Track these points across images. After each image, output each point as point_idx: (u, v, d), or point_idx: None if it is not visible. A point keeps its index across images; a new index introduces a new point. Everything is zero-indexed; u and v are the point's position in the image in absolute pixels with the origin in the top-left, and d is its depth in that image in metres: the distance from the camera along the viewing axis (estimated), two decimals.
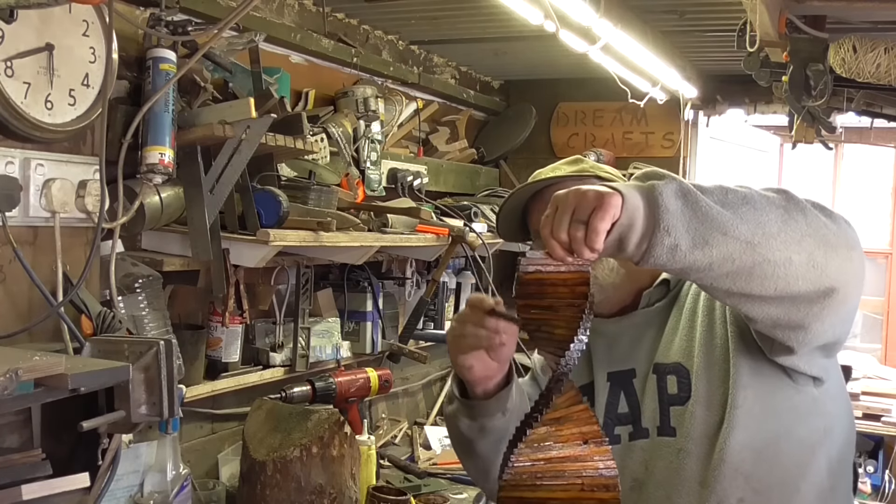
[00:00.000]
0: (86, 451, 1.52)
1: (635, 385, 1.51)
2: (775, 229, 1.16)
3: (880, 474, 4.59)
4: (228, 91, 2.23)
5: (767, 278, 1.17)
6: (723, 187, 1.20)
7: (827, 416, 1.41)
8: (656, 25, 2.93)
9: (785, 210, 1.19)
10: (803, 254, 1.17)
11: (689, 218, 1.13)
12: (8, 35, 1.50)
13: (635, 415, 1.50)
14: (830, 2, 2.19)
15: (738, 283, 1.18)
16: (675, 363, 1.46)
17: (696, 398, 1.42)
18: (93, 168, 1.70)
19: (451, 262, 3.27)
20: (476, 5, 2.65)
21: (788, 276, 1.17)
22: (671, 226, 1.12)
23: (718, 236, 1.14)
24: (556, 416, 1.13)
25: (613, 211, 1.11)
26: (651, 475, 1.44)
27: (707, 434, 1.40)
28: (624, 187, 1.15)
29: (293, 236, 2.14)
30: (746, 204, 1.17)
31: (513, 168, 4.06)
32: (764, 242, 1.15)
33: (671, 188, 1.15)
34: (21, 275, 1.57)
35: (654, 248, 1.13)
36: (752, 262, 1.15)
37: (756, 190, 1.22)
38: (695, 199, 1.15)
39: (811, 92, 2.33)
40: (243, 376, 2.35)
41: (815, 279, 1.19)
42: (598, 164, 1.65)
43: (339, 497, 2.13)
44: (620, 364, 1.53)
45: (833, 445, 1.42)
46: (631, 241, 1.13)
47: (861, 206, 7.76)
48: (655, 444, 1.46)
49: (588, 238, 1.11)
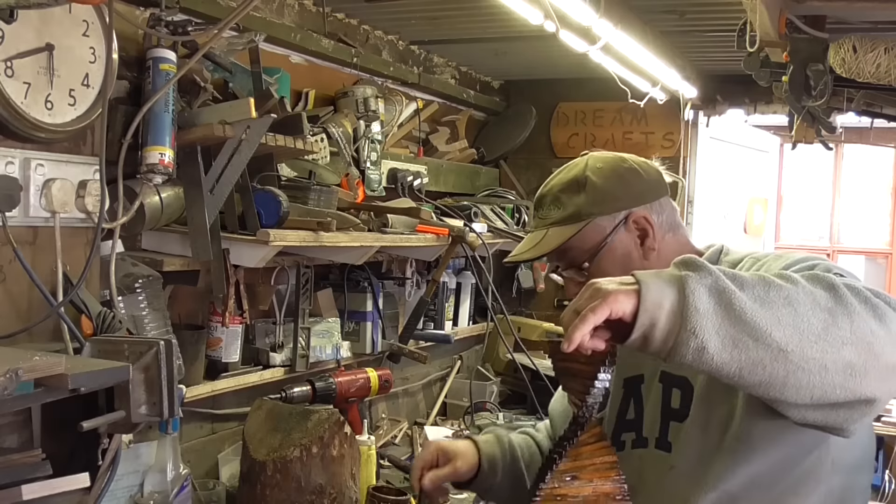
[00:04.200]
0: (86, 451, 1.52)
1: (642, 391, 1.51)
2: (814, 336, 1.09)
3: (880, 474, 4.58)
4: (228, 91, 2.23)
5: (802, 388, 1.10)
6: (766, 280, 1.13)
7: (839, 448, 1.34)
8: (656, 25, 2.93)
9: (830, 313, 1.11)
10: (841, 362, 1.09)
11: (720, 319, 1.08)
12: (8, 35, 1.50)
13: (639, 422, 1.50)
14: (830, 2, 2.19)
15: (772, 392, 1.12)
16: (683, 377, 1.44)
17: (694, 419, 1.40)
18: (93, 168, 1.70)
19: (451, 262, 3.27)
20: (476, 5, 2.65)
21: (825, 385, 1.10)
22: (699, 327, 1.07)
23: (749, 341, 1.08)
24: (578, 452, 1.17)
25: (615, 307, 1.08)
26: (643, 485, 1.43)
27: (700, 457, 1.38)
28: (650, 280, 1.11)
29: (293, 236, 2.14)
30: (788, 306, 1.10)
31: (513, 168, 4.06)
32: (798, 350, 1.08)
33: (705, 285, 1.10)
34: (21, 275, 1.57)
35: (680, 348, 1.09)
36: (785, 371, 1.09)
37: (803, 285, 1.13)
38: (729, 298, 1.09)
39: (811, 92, 2.33)
40: (243, 376, 2.35)
41: (853, 388, 1.11)
42: (596, 160, 1.57)
43: (339, 497, 2.13)
44: (633, 369, 1.53)
45: (837, 475, 1.36)
46: (655, 337, 1.10)
47: (861, 206, 7.77)
48: (651, 455, 1.46)
49: (574, 326, 1.09)
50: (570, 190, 1.54)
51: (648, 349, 1.12)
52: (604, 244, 1.50)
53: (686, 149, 3.93)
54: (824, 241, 7.91)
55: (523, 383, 3.28)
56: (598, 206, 1.51)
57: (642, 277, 1.11)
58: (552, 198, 1.56)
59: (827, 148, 3.23)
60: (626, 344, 1.12)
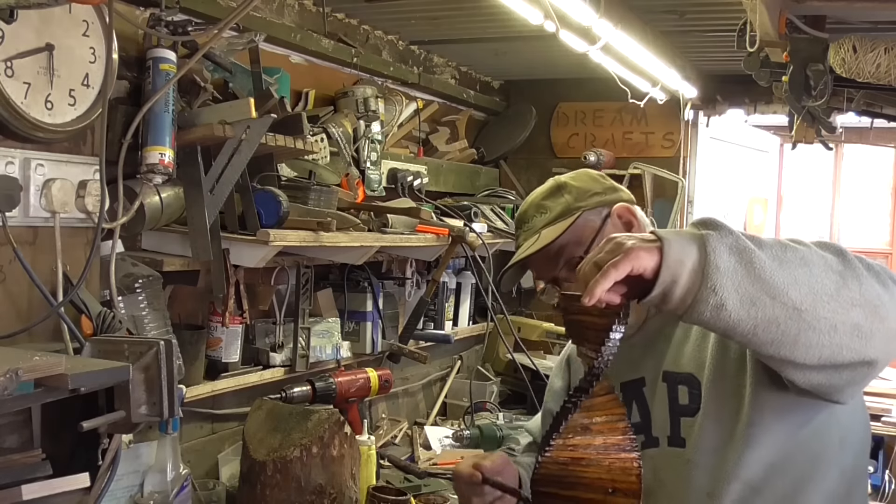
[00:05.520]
0: (86, 451, 1.52)
1: (645, 393, 1.52)
2: (826, 297, 1.12)
3: (880, 474, 4.59)
4: (228, 91, 2.23)
5: (812, 347, 1.13)
6: (782, 243, 1.16)
7: (843, 427, 1.39)
8: (656, 25, 2.93)
9: (840, 276, 1.14)
10: (849, 323, 1.13)
11: (740, 278, 1.10)
12: (8, 35, 1.50)
13: (646, 423, 1.50)
14: (830, 2, 2.19)
15: (783, 351, 1.14)
16: (687, 374, 1.45)
17: (706, 411, 1.41)
18: (93, 168, 1.70)
19: (451, 262, 3.27)
20: (476, 5, 2.65)
21: (832, 345, 1.13)
22: (719, 285, 1.09)
23: (766, 299, 1.10)
24: (589, 405, 1.18)
25: (636, 263, 1.09)
26: (661, 485, 1.44)
27: (716, 447, 1.39)
28: (672, 237, 1.11)
29: (293, 236, 2.14)
30: (804, 266, 1.13)
31: (513, 168, 4.06)
32: (811, 310, 1.11)
33: (726, 244, 1.11)
34: (21, 275, 1.57)
35: (699, 305, 1.10)
36: (798, 329, 1.12)
37: (815, 249, 1.17)
38: (749, 257, 1.11)
39: (811, 92, 2.33)
40: (243, 376, 2.35)
41: (859, 349, 1.15)
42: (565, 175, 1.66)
43: (339, 497, 2.13)
44: (631, 373, 1.54)
45: (847, 455, 1.40)
46: (675, 294, 1.11)
47: (861, 206, 7.77)
48: (665, 453, 1.46)
49: (595, 280, 1.09)
50: (552, 195, 1.63)
51: (667, 306, 1.13)
52: (597, 236, 1.55)
53: (686, 149, 3.93)
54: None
55: (523, 383, 3.29)
56: (583, 201, 1.59)
57: (664, 235, 1.12)
58: (535, 207, 1.64)
59: (827, 148, 3.23)
60: (644, 301, 1.13)
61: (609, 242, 1.14)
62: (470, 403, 3.37)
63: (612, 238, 1.15)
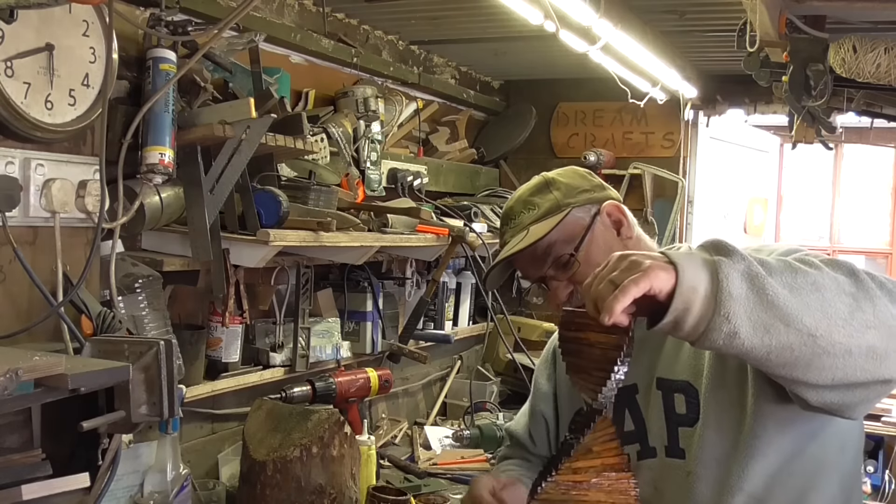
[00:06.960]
0: (86, 451, 1.52)
1: (639, 401, 1.49)
2: (840, 321, 1.10)
3: (880, 474, 4.58)
4: (228, 91, 2.23)
5: (825, 369, 1.12)
6: (791, 266, 1.14)
7: (843, 432, 1.38)
8: (656, 25, 2.93)
9: (853, 298, 1.13)
10: (864, 346, 1.12)
11: (753, 305, 1.08)
12: (8, 35, 1.50)
13: (641, 433, 1.48)
14: (830, 2, 2.19)
15: (795, 373, 1.13)
16: (684, 381, 1.43)
17: (706, 421, 1.39)
18: (93, 168, 1.70)
19: (451, 262, 3.27)
20: (476, 5, 2.65)
21: (847, 367, 1.12)
22: (732, 312, 1.07)
23: (781, 326, 1.08)
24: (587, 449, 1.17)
25: (655, 283, 1.07)
26: (661, 496, 1.42)
27: (718, 459, 1.37)
28: (685, 262, 1.09)
29: (293, 236, 2.14)
30: (816, 291, 1.11)
31: (513, 168, 4.06)
32: (826, 335, 1.09)
33: (738, 270, 1.09)
34: (21, 275, 1.57)
35: (712, 333, 1.08)
36: (812, 354, 1.10)
37: (826, 270, 1.15)
38: (761, 284, 1.09)
39: (811, 92, 2.33)
40: (243, 376, 2.35)
41: (873, 370, 1.14)
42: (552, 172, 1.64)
43: (339, 497, 2.13)
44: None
45: (847, 459, 1.39)
46: (687, 322, 1.09)
47: (861, 206, 7.77)
48: (664, 464, 1.44)
49: (614, 297, 1.06)
50: (540, 191, 1.60)
51: (678, 333, 1.11)
52: (587, 233, 1.53)
53: (686, 149, 3.93)
54: (824, 240, 7.91)
55: (523, 383, 3.28)
56: (572, 197, 1.57)
57: (677, 259, 1.09)
58: (522, 203, 1.61)
59: (827, 148, 3.23)
60: (655, 328, 1.11)
61: (623, 260, 1.11)
62: (470, 403, 3.37)
63: (625, 255, 1.12)
